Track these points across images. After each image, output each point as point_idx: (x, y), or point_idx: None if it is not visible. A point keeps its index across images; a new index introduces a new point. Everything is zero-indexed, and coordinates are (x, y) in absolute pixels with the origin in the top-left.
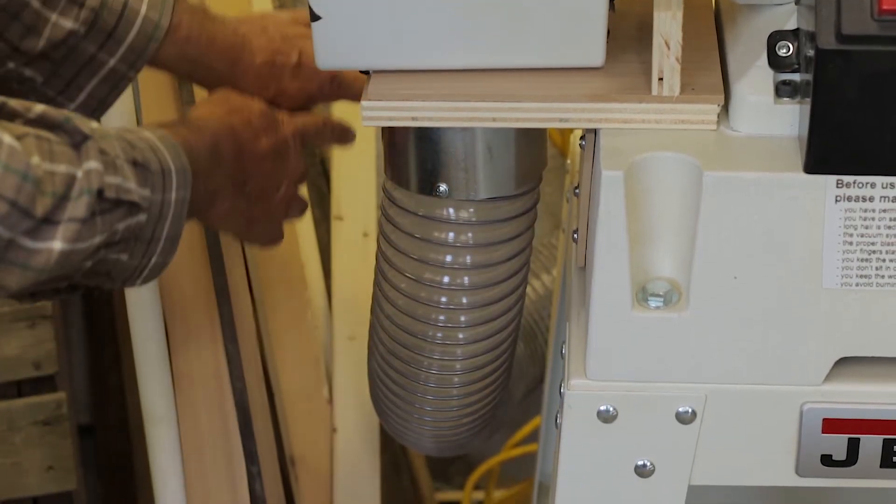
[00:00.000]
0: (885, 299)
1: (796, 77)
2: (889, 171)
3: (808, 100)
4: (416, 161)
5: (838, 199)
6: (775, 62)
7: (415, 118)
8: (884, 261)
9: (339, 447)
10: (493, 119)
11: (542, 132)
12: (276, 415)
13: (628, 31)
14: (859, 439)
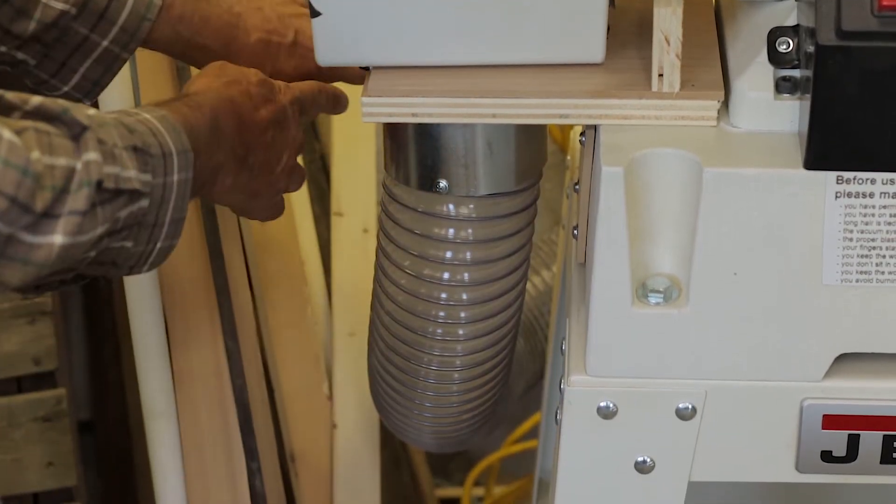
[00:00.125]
0: (885, 295)
1: (796, 73)
2: (889, 167)
3: (808, 96)
4: (417, 157)
5: (838, 195)
6: (775, 58)
7: (415, 114)
8: (884, 257)
9: (339, 443)
10: (494, 115)
11: (542, 128)
12: (276, 411)
13: (628, 27)
14: (859, 435)
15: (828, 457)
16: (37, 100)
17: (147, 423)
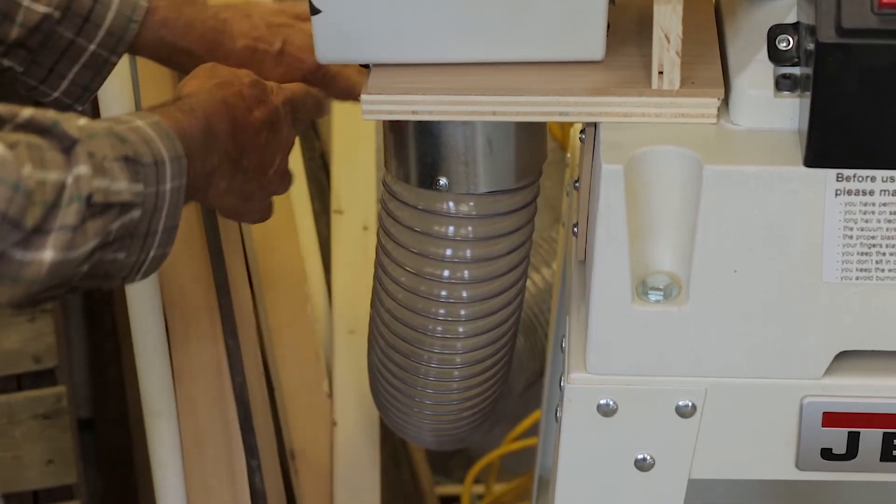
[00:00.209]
0: (886, 293)
1: (796, 71)
2: (889, 164)
3: (809, 93)
4: (417, 155)
5: (838, 192)
6: (775, 56)
7: (415, 112)
8: (884, 254)
9: (339, 441)
10: (493, 112)
11: (542, 126)
12: (276, 409)
13: (628, 25)
14: (859, 433)
15: (828, 454)
16: (27, 112)
17: (147, 420)
